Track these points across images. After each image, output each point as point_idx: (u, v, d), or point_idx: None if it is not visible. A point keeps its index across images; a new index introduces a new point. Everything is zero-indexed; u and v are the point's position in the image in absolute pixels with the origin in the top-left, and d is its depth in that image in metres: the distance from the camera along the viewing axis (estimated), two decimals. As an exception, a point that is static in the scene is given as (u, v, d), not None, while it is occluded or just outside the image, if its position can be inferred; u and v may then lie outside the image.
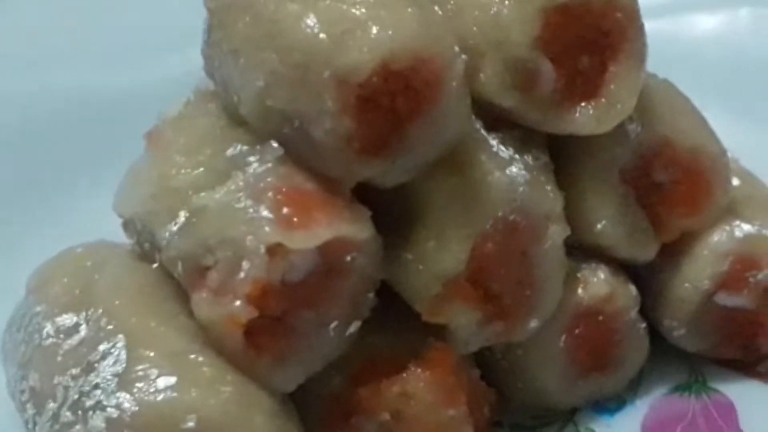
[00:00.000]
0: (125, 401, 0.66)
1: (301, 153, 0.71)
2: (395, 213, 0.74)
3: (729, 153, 0.87)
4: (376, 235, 0.72)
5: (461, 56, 0.70)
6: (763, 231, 0.85)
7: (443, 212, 0.74)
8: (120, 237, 0.81)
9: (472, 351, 0.78)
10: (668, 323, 0.86)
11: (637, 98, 0.79)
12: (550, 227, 0.78)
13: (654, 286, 0.86)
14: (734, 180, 0.88)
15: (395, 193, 0.73)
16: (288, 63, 0.68)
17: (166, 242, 0.72)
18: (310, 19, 0.68)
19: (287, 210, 0.69)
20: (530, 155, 0.78)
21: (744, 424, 0.85)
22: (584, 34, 0.77)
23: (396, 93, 0.68)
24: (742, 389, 0.88)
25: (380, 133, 0.69)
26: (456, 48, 0.70)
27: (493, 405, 0.81)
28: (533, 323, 0.79)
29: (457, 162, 0.74)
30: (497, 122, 0.78)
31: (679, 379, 0.89)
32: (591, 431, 0.85)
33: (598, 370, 0.85)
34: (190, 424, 0.66)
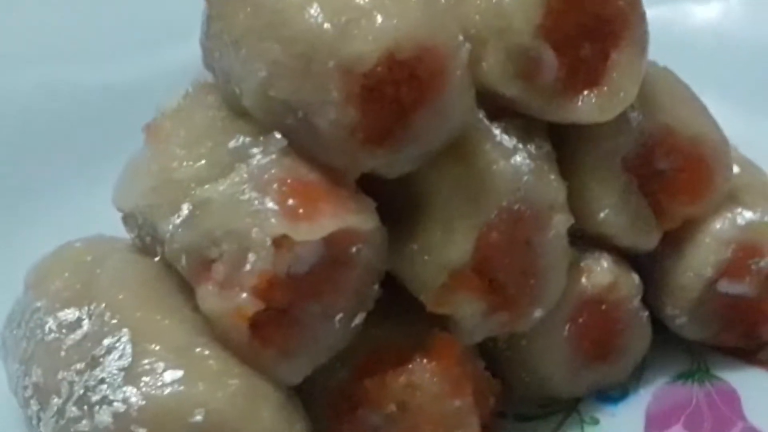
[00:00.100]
0: (132, 395, 0.66)
1: (305, 144, 0.70)
2: (399, 204, 0.74)
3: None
4: (381, 226, 0.72)
5: (466, 45, 0.70)
6: (765, 218, 0.85)
7: (448, 202, 0.73)
8: (119, 231, 0.81)
9: (477, 341, 0.78)
10: (670, 311, 0.86)
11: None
12: (554, 216, 0.77)
13: (656, 275, 0.86)
14: (734, 168, 0.88)
15: (399, 184, 0.73)
16: (291, 53, 0.68)
17: (170, 235, 0.72)
18: (314, 9, 0.68)
19: (292, 201, 0.68)
20: (533, 144, 0.78)
21: (748, 411, 0.85)
22: (586, 22, 0.76)
23: (400, 82, 0.68)
24: (745, 377, 0.88)
25: (385, 123, 0.69)
26: (460, 37, 0.69)
27: (498, 395, 0.81)
28: (537, 313, 0.79)
29: (461, 152, 0.74)
30: (499, 111, 0.77)
31: (682, 368, 0.89)
32: (595, 420, 0.85)
33: (602, 359, 0.85)
34: (198, 418, 0.65)
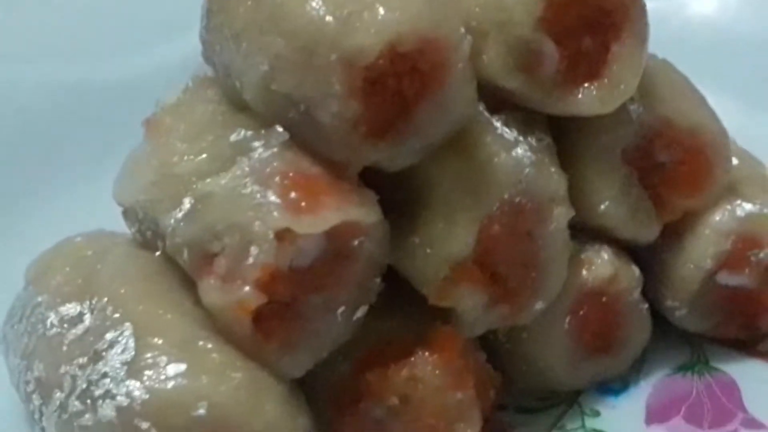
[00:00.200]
0: (135, 389, 0.66)
1: (307, 137, 0.70)
2: (401, 197, 0.74)
3: (724, 133, 0.87)
4: (383, 220, 0.72)
5: (467, 38, 0.70)
6: (765, 210, 0.85)
7: (450, 195, 0.74)
8: (119, 226, 0.81)
9: (478, 334, 0.78)
10: (670, 303, 0.87)
11: (639, 78, 0.79)
12: (555, 209, 0.78)
13: (656, 267, 0.87)
14: (733, 160, 0.88)
15: (401, 177, 0.73)
16: (293, 46, 0.68)
17: (171, 229, 0.71)
18: (315, 2, 0.67)
19: (294, 195, 0.68)
20: (534, 137, 0.78)
21: (748, 402, 0.85)
22: (586, 15, 0.77)
23: (402, 75, 0.68)
24: (745, 368, 0.88)
25: (387, 116, 0.69)
26: (462, 29, 0.69)
27: (498, 388, 0.81)
28: (538, 305, 0.79)
29: (463, 144, 0.74)
30: (500, 104, 0.77)
31: (682, 360, 0.89)
32: (596, 412, 0.85)
33: (602, 352, 0.85)
34: (201, 411, 0.65)
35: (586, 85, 0.78)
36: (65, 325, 0.72)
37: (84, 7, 1.13)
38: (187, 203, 0.71)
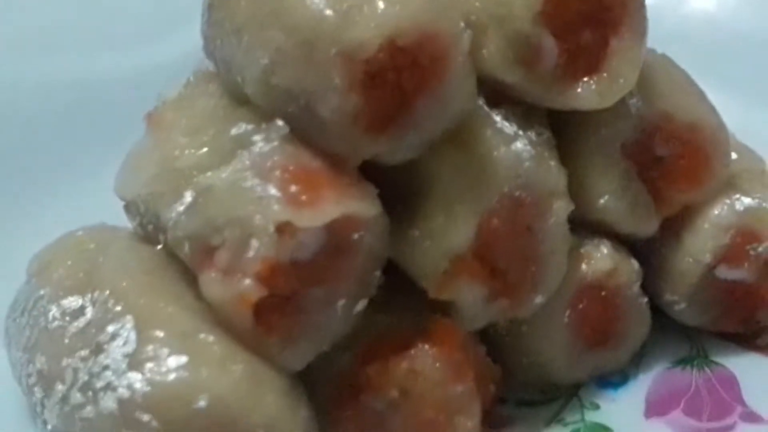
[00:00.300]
0: (136, 381, 0.66)
1: (307, 131, 0.70)
2: (401, 191, 0.74)
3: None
4: (383, 213, 0.72)
5: (467, 32, 0.70)
6: (763, 204, 0.86)
7: (449, 189, 0.74)
8: (119, 221, 0.81)
9: (478, 327, 0.78)
10: (669, 297, 0.87)
11: (638, 73, 0.79)
12: (555, 203, 0.78)
13: (655, 261, 0.87)
14: (732, 154, 0.88)
15: (401, 171, 0.73)
16: (293, 40, 0.68)
17: (173, 223, 0.72)
18: (316, -4, 0.68)
19: (295, 188, 0.69)
20: (533, 131, 0.78)
21: (747, 396, 0.85)
22: (586, 9, 0.77)
23: (402, 69, 0.68)
24: (744, 362, 0.88)
25: (387, 110, 0.69)
26: (462, 23, 0.70)
27: (499, 381, 0.81)
28: (538, 299, 0.79)
29: (463, 138, 0.74)
30: (500, 98, 0.78)
31: (681, 353, 0.90)
32: (596, 405, 0.85)
33: (602, 345, 0.85)
34: (202, 403, 0.65)
35: (586, 80, 0.78)
36: (67, 318, 0.73)
37: (86, 2, 1.13)
38: (188, 197, 0.71)
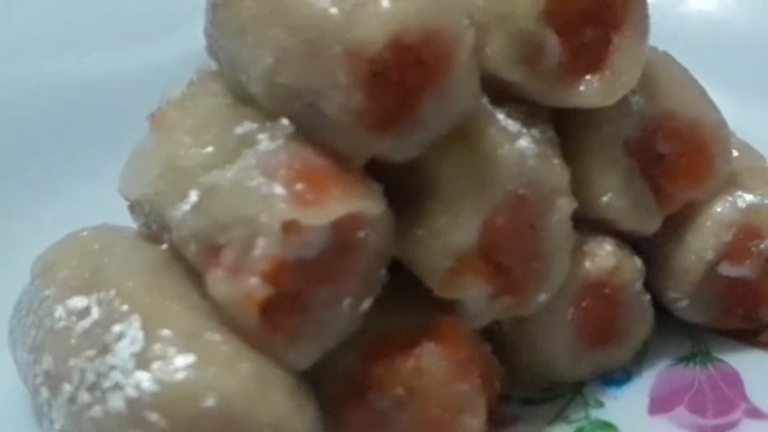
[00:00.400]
0: (144, 381, 0.66)
1: (312, 129, 0.70)
2: (405, 189, 0.74)
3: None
4: (388, 211, 0.72)
5: (471, 29, 0.70)
6: (765, 201, 0.86)
7: (454, 187, 0.74)
8: (120, 221, 0.81)
9: (483, 325, 0.78)
10: (671, 295, 0.87)
11: (640, 70, 0.79)
12: (558, 201, 0.78)
13: (657, 259, 0.87)
14: (733, 152, 0.88)
15: (405, 169, 0.73)
16: (298, 39, 0.68)
17: (178, 222, 0.72)
18: (320, -6, 0.68)
19: (300, 186, 0.69)
20: (536, 129, 0.78)
21: (750, 392, 0.85)
22: (588, 7, 0.77)
23: (407, 67, 0.68)
24: (747, 359, 0.88)
25: (391, 108, 0.69)
26: (466, 21, 0.70)
27: (502, 379, 0.81)
28: (542, 297, 0.79)
29: (467, 136, 0.74)
30: (503, 96, 0.78)
31: (683, 351, 0.90)
32: (599, 403, 0.85)
33: (605, 343, 0.85)
34: (210, 403, 0.65)
35: (588, 78, 0.78)
36: (73, 318, 0.73)
37: (86, 2, 1.13)
38: (193, 196, 0.72)
